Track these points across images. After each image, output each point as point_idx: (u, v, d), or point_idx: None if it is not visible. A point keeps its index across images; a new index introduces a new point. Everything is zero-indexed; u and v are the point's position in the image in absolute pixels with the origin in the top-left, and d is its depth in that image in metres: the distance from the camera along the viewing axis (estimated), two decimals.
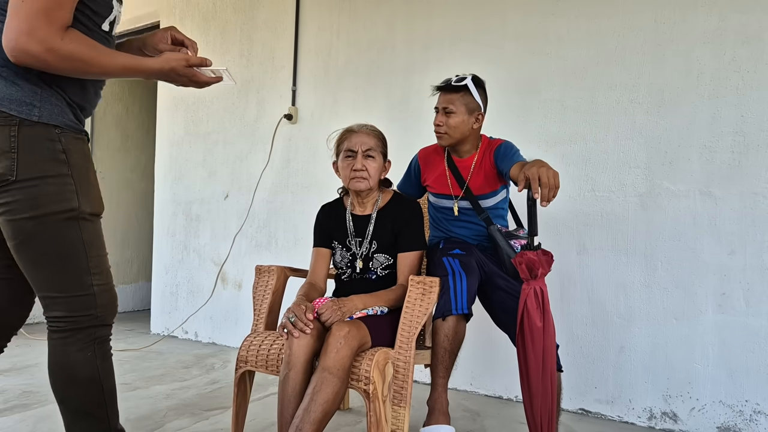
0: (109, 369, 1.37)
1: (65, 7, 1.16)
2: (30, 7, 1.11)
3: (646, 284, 2.35)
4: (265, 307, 1.93)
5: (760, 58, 2.18)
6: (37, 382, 2.66)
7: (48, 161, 1.22)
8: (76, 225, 1.26)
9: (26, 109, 1.20)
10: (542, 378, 1.62)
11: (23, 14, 1.11)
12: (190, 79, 1.36)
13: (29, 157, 1.20)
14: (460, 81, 1.98)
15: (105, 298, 1.33)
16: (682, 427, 2.25)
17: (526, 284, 1.62)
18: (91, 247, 1.30)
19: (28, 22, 1.11)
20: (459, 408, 2.43)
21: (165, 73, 1.33)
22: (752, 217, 2.17)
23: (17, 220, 1.22)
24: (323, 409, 1.47)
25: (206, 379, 2.81)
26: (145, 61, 1.32)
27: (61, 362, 1.30)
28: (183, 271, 3.85)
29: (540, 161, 1.63)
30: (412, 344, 1.67)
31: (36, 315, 4.57)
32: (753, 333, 2.15)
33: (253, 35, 3.59)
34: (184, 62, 1.33)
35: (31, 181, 1.20)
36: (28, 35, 1.12)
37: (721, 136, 2.24)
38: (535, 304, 1.60)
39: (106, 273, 1.34)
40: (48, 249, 1.25)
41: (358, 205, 1.97)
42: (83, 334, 1.30)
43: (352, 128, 1.94)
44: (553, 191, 1.51)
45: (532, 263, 1.59)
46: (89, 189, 1.30)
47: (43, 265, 1.26)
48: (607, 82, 2.46)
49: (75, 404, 1.33)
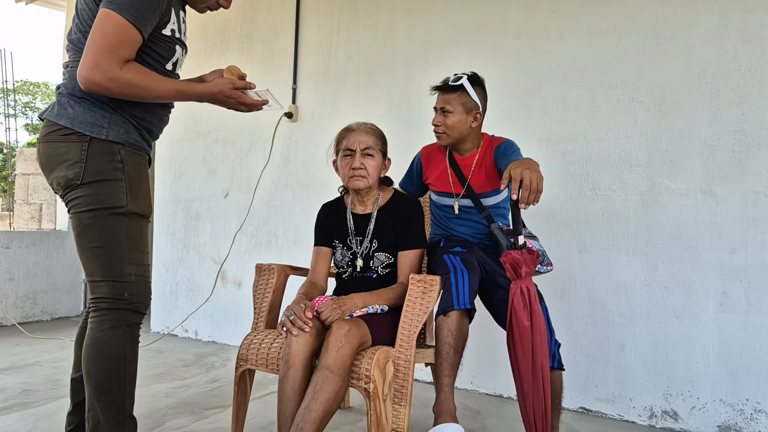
0: (134, 352, 1.53)
1: (128, 46, 1.40)
2: (99, 46, 1.37)
3: (646, 283, 2.35)
4: (265, 306, 1.92)
5: (762, 56, 2.18)
6: (37, 380, 2.66)
7: (107, 168, 1.46)
8: (122, 221, 1.48)
9: (97, 130, 1.45)
10: (533, 376, 1.62)
11: (93, 51, 1.37)
12: (237, 100, 1.58)
13: (93, 165, 1.45)
14: (457, 80, 1.98)
15: (140, 288, 1.51)
16: (682, 425, 2.25)
17: (513, 284, 1.63)
18: (133, 242, 1.50)
19: (95, 58, 1.37)
20: (460, 407, 2.42)
21: (213, 96, 1.56)
22: (753, 216, 2.17)
23: (79, 213, 1.47)
24: (324, 408, 1.47)
25: (206, 378, 2.81)
26: (196, 86, 1.55)
27: (94, 336, 1.48)
28: (183, 269, 3.84)
29: (528, 161, 1.61)
30: (413, 343, 1.66)
31: (35, 314, 4.55)
32: (754, 332, 2.15)
33: (253, 33, 3.58)
34: (230, 85, 1.56)
35: (92, 184, 1.45)
36: (94, 68, 1.37)
37: (722, 135, 2.23)
38: (521, 303, 1.60)
39: (144, 267, 1.53)
40: (98, 240, 1.46)
41: (358, 204, 1.97)
42: (118, 314, 1.48)
43: (351, 127, 1.93)
44: (534, 195, 1.49)
45: (516, 262, 1.60)
46: (139, 193, 1.51)
47: (94, 254, 1.48)
48: (608, 81, 2.46)
49: (96, 380, 1.46)
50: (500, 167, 1.98)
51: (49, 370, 2.85)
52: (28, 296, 4.19)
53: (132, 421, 1.52)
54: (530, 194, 1.49)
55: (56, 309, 4.36)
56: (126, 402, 1.50)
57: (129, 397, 1.51)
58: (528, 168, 1.53)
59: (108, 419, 1.46)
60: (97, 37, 1.37)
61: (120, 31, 1.38)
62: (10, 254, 4.09)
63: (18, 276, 4.13)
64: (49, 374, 2.77)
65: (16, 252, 4.12)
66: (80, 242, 1.49)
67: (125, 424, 1.49)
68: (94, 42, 1.37)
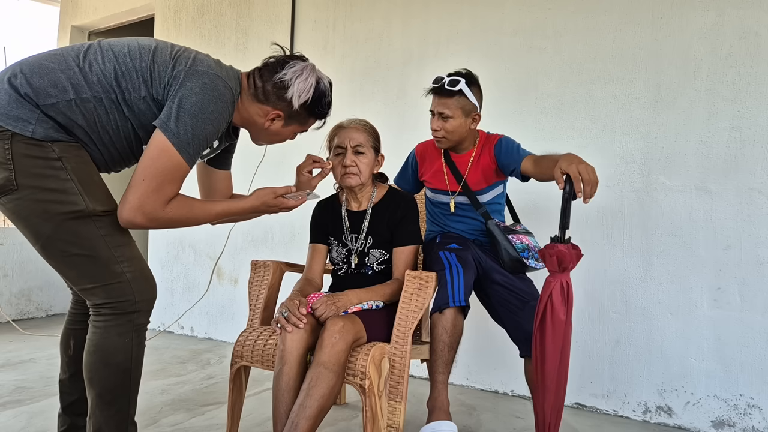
0: (140, 358, 1.44)
1: (176, 183, 1.36)
2: (148, 187, 1.31)
3: (641, 279, 2.36)
4: (260, 303, 1.92)
5: (757, 53, 2.18)
6: (31, 377, 2.65)
7: (45, 168, 1.29)
8: (90, 222, 1.34)
9: (21, 125, 1.27)
10: (559, 371, 1.61)
11: (139, 192, 1.31)
12: (279, 207, 1.56)
13: (25, 167, 1.27)
14: (454, 84, 1.92)
15: (140, 284, 1.40)
16: (676, 420, 2.26)
17: (552, 277, 1.59)
18: (112, 238, 1.37)
19: (141, 200, 1.31)
20: (455, 402, 2.43)
21: (257, 208, 1.55)
22: (748, 213, 2.18)
23: (32, 223, 1.32)
24: (319, 404, 1.47)
25: (202, 375, 2.80)
26: (238, 204, 1.53)
27: (100, 343, 1.38)
28: (179, 266, 3.83)
29: (573, 156, 1.60)
30: (409, 339, 1.66)
31: (30, 311, 4.53)
32: (748, 328, 2.16)
33: (249, 29, 3.57)
34: (272, 194, 1.54)
35: (33, 189, 1.29)
36: (137, 210, 1.32)
37: (718, 132, 2.24)
38: (560, 297, 1.57)
39: (136, 260, 1.41)
40: (73, 247, 1.33)
41: (353, 201, 1.96)
42: (124, 320, 1.38)
43: (342, 124, 1.92)
44: (593, 187, 1.50)
45: (563, 256, 1.58)
46: (94, 189, 1.36)
47: (70, 263, 1.36)
48: (604, 78, 2.46)
49: (101, 388, 1.38)
50: (507, 165, 1.97)
51: (44, 367, 2.84)
52: (23, 293, 4.17)
53: (133, 427, 1.48)
54: (591, 187, 1.50)
55: (51, 306, 4.35)
56: (130, 409, 1.44)
57: (133, 404, 1.45)
58: (580, 163, 1.53)
59: (110, 428, 1.40)
60: (148, 175, 1.31)
61: (173, 170, 1.33)
62: (4, 251, 4.07)
63: (12, 273, 4.11)
64: (44, 371, 2.76)
65: (11, 249, 4.10)
66: (49, 253, 1.35)
67: (127, 431, 1.45)
68: (143, 181, 1.31)
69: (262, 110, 1.53)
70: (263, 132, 1.59)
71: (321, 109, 1.58)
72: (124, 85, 1.35)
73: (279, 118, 1.55)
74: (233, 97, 1.46)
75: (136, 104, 1.37)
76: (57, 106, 1.30)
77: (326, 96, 1.58)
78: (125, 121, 1.38)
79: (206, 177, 1.76)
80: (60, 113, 1.31)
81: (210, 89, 1.37)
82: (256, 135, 1.62)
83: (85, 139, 1.36)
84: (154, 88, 1.36)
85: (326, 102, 1.59)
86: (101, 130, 1.37)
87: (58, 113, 1.31)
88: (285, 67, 1.52)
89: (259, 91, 1.51)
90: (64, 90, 1.31)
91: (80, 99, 1.32)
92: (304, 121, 1.60)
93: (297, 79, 1.50)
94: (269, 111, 1.53)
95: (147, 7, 4.16)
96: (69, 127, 1.33)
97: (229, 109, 1.44)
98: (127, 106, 1.36)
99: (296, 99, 1.50)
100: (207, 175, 1.76)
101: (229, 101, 1.44)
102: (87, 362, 1.39)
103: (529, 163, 1.88)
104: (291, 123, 1.58)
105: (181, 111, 1.34)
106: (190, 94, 1.35)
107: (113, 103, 1.35)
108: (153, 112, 1.38)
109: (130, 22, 4.41)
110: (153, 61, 1.38)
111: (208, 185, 1.77)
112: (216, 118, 1.39)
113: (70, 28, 4.61)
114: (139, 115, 1.38)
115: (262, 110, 1.53)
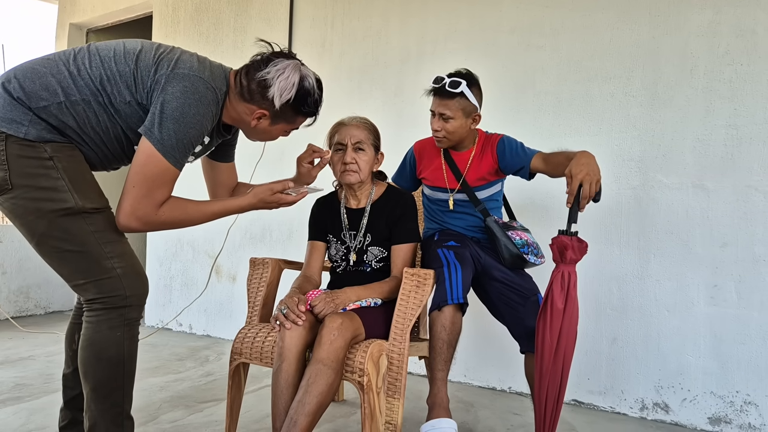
0: (133, 352, 1.47)
1: (166, 186, 1.40)
2: (139, 193, 1.36)
3: (638, 276, 2.36)
4: (259, 300, 1.93)
5: (754, 51, 2.19)
6: (30, 374, 2.65)
7: (38, 168, 1.34)
8: (80, 219, 1.38)
9: (15, 127, 1.32)
10: (554, 359, 1.64)
11: (131, 198, 1.37)
12: (278, 203, 1.57)
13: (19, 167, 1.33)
14: (455, 86, 1.91)
15: (130, 279, 1.43)
16: (673, 417, 2.28)
17: (556, 267, 1.67)
18: (102, 234, 1.41)
19: (133, 205, 1.37)
20: (453, 399, 2.43)
21: (255, 205, 1.57)
22: (744, 210, 2.19)
23: (27, 221, 1.37)
24: (318, 401, 1.47)
25: (201, 372, 2.81)
26: (236, 202, 1.57)
27: (92, 338, 1.42)
28: (177, 263, 3.84)
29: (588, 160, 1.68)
30: (407, 336, 1.67)
31: (29, 308, 4.53)
32: (744, 325, 2.17)
33: (247, 26, 3.56)
34: (269, 192, 1.56)
35: (26, 188, 1.34)
36: (130, 215, 1.37)
37: (715, 130, 2.25)
38: (560, 286, 1.65)
39: (127, 256, 1.45)
40: (64, 243, 1.38)
41: (351, 199, 1.97)
42: (115, 314, 1.42)
43: (343, 121, 1.93)
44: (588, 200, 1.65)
45: (564, 246, 1.64)
46: (85, 187, 1.40)
47: (63, 259, 1.40)
48: (602, 75, 2.46)
49: (95, 382, 1.42)
50: (510, 166, 2.01)
51: (43, 364, 2.85)
52: (22, 290, 4.17)
53: (130, 421, 1.50)
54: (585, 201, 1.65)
55: (50, 303, 4.35)
56: (125, 403, 1.46)
57: (128, 398, 1.48)
58: (588, 173, 1.64)
59: (106, 422, 1.42)
60: (137, 182, 1.36)
61: (161, 175, 1.37)
62: (2, 248, 4.07)
63: (11, 270, 4.11)
64: (43, 368, 2.77)
65: (9, 246, 4.11)
66: (44, 250, 1.40)
67: (123, 425, 1.46)
68: (134, 187, 1.36)
69: (249, 109, 1.52)
70: (252, 130, 1.59)
71: (307, 107, 1.55)
72: (109, 89, 1.38)
73: (264, 117, 1.53)
74: (217, 97, 1.46)
75: (122, 108, 1.40)
76: (48, 108, 1.35)
77: (311, 94, 1.54)
78: (114, 123, 1.42)
79: (210, 170, 1.80)
80: (52, 115, 1.35)
81: (191, 92, 1.39)
82: (247, 133, 1.63)
83: (78, 139, 1.40)
84: (138, 93, 1.39)
85: (312, 100, 1.55)
86: (92, 132, 1.41)
87: (50, 115, 1.35)
88: (269, 65, 1.49)
89: (244, 90, 1.50)
90: (54, 93, 1.35)
91: (70, 102, 1.36)
92: (292, 119, 1.58)
93: (278, 78, 1.47)
94: (255, 110, 1.51)
95: (145, 5, 4.15)
96: (61, 129, 1.37)
97: (212, 110, 1.45)
98: (114, 109, 1.40)
99: (277, 98, 1.48)
100: (211, 168, 1.79)
101: (212, 102, 1.44)
102: (81, 357, 1.44)
103: (539, 161, 1.94)
104: (278, 122, 1.57)
105: (163, 116, 1.36)
106: (171, 98, 1.37)
107: (101, 106, 1.39)
108: (139, 116, 1.41)
109: (128, 20, 4.41)
110: (136, 65, 1.40)
111: (213, 177, 1.81)
112: (198, 121, 1.41)
113: (68, 26, 4.60)
114: (126, 119, 1.42)
115: (248, 109, 1.52)
